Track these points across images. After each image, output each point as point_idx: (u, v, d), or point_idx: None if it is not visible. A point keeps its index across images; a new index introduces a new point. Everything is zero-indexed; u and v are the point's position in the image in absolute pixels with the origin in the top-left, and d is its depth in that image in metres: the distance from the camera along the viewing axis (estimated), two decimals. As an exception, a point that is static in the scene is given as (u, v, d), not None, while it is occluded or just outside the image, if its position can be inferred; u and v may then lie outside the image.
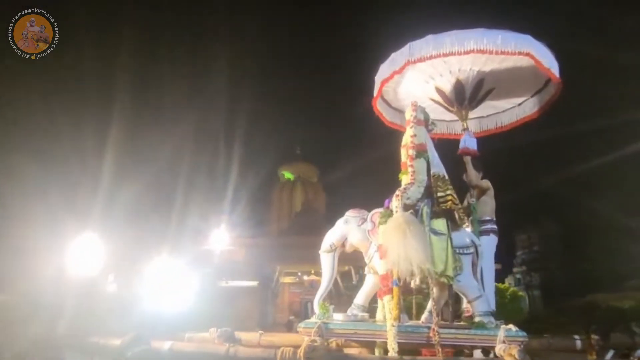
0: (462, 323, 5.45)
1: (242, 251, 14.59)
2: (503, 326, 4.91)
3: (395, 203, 5.30)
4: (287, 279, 14.76)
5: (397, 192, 5.35)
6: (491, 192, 6.24)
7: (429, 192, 5.50)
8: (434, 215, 5.35)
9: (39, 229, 6.94)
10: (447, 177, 5.63)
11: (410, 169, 5.52)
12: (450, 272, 5.15)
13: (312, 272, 14.92)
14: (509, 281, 14.62)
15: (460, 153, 6.30)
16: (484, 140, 7.36)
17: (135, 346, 4.46)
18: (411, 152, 5.55)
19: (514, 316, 11.78)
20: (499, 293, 12.88)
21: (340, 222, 5.94)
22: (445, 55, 5.56)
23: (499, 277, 14.20)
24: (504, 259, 14.63)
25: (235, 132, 15.68)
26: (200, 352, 4.73)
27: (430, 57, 5.65)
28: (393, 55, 6.10)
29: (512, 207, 14.61)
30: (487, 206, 6.16)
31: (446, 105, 6.54)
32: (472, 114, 7.26)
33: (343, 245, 5.87)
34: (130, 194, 12.05)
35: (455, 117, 7.31)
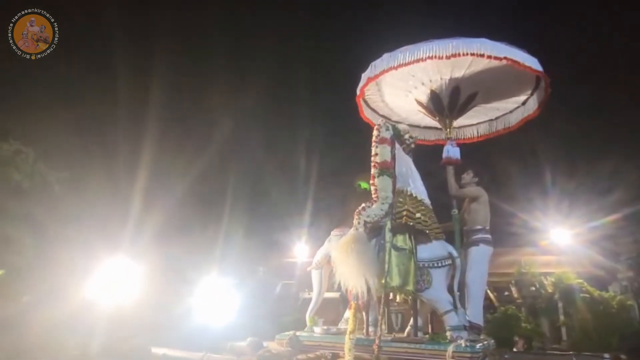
0: (424, 336, 5.39)
1: (323, 263, 15.18)
2: (457, 342, 4.79)
3: (355, 221, 5.53)
4: (370, 290, 14.94)
5: (357, 210, 5.58)
6: (483, 199, 5.99)
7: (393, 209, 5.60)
8: (396, 230, 5.44)
9: (90, 247, 7.85)
10: (410, 192, 5.66)
11: (372, 187, 5.69)
12: (410, 287, 5.19)
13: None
14: (613, 289, 12.84)
15: (443, 163, 6.21)
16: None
17: (135, 351, 5.52)
18: (373, 170, 5.71)
19: (623, 328, 10.55)
20: (604, 303, 11.60)
21: (326, 241, 6.35)
22: (398, 67, 5.64)
23: (602, 284, 12.62)
24: (605, 264, 12.92)
25: (312, 145, 16.26)
26: (183, 358, 5.56)
27: (386, 71, 5.81)
28: (363, 75, 6.35)
29: (615, 207, 12.89)
30: (479, 215, 5.92)
31: (430, 115, 6.51)
32: (475, 118, 7.11)
33: (329, 262, 6.25)
34: (211, 208, 13.22)
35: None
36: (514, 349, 10.15)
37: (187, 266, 10.30)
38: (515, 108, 6.82)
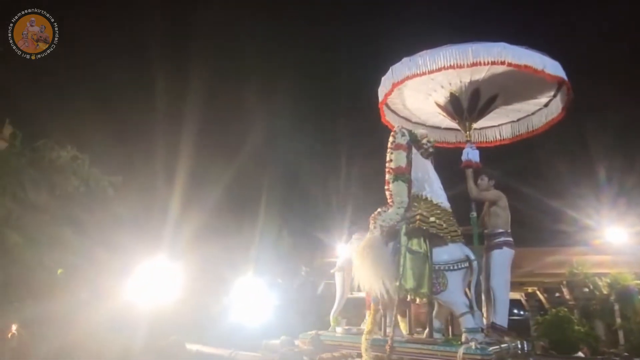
0: (439, 338, 5.44)
1: (365, 264, 15.25)
2: (468, 344, 4.82)
3: (371, 226, 5.70)
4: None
5: (373, 215, 5.73)
6: (503, 202, 5.92)
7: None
8: (411, 234, 5.53)
9: (130, 249, 8.25)
10: (425, 196, 5.71)
11: (387, 193, 5.81)
12: (425, 289, 5.28)
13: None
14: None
15: (463, 166, 6.19)
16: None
17: (171, 347, 5.98)
18: (388, 176, 5.82)
19: None
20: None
21: (348, 244, 6.55)
22: (418, 75, 5.71)
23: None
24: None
25: (353, 145, 16.30)
26: (212, 354, 5.97)
27: (407, 78, 5.86)
28: (383, 79, 6.45)
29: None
30: (499, 218, 5.86)
31: (449, 118, 6.51)
32: (498, 120, 7.03)
33: (350, 264, 6.44)
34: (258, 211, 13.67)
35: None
36: (580, 354, 9.73)
37: (226, 266, 10.72)
38: (537, 110, 6.65)
